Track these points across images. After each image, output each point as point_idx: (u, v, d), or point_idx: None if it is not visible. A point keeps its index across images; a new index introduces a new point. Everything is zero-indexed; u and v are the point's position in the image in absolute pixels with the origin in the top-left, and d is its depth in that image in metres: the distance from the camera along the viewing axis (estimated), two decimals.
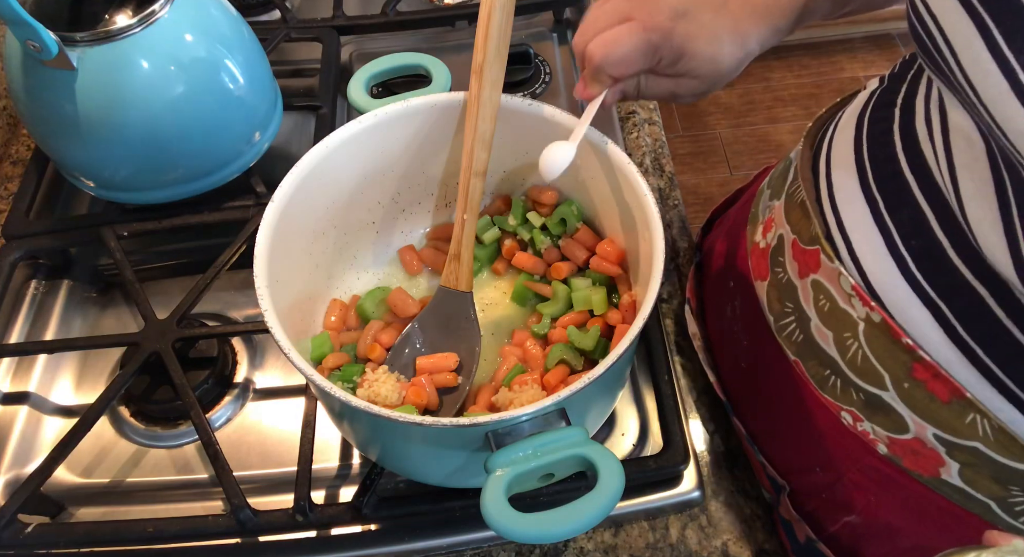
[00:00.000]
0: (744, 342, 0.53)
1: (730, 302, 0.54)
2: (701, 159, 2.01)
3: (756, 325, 0.50)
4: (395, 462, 0.49)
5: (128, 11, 0.55)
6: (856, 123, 0.44)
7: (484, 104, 0.50)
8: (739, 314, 0.53)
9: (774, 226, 0.48)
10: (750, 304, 0.50)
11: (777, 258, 0.47)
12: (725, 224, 0.61)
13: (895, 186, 0.39)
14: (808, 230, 0.44)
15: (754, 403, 0.53)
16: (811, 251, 0.43)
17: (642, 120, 0.76)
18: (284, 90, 0.71)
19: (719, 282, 0.57)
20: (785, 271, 0.46)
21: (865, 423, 0.42)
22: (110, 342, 0.60)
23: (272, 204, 0.47)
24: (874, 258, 0.40)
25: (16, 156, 0.78)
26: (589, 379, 0.39)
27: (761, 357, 0.50)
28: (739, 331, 0.53)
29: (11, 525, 0.50)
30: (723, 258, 0.58)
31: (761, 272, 0.49)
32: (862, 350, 0.40)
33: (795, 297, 0.45)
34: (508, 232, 0.58)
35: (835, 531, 0.48)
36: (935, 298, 0.37)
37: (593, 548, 0.53)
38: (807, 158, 0.47)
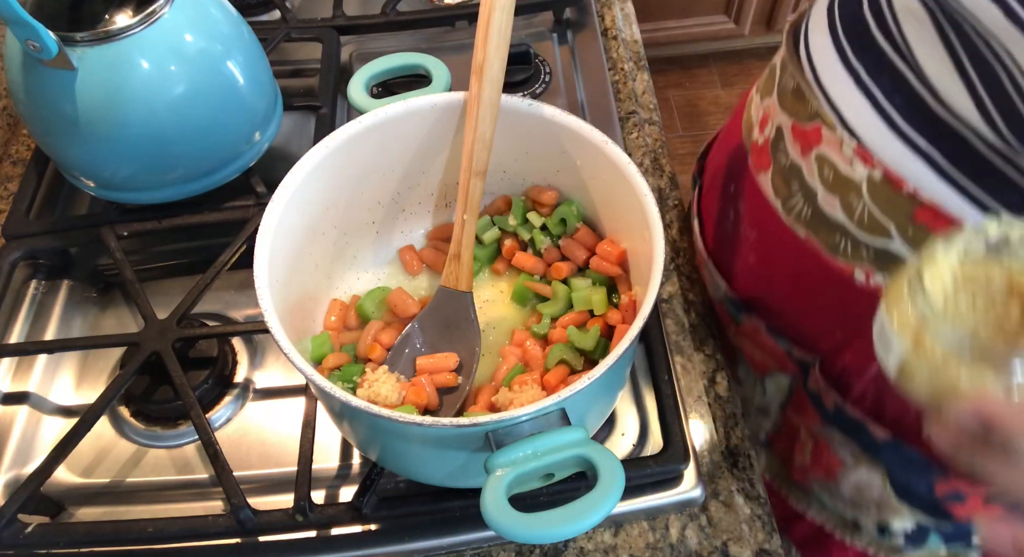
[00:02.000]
0: (752, 236, 0.56)
1: (733, 205, 0.58)
2: None
3: (762, 216, 0.54)
4: (395, 462, 0.49)
5: (128, 11, 0.55)
6: (827, 10, 0.48)
7: (484, 104, 0.50)
8: (743, 213, 0.57)
9: (770, 120, 0.52)
10: (754, 198, 0.54)
11: (778, 146, 0.51)
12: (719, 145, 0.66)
13: (872, 56, 0.43)
14: (806, 109, 0.48)
15: (769, 293, 0.57)
16: (811, 129, 0.47)
17: (642, 120, 0.76)
18: (284, 90, 0.71)
19: (718, 194, 0.61)
20: (787, 156, 0.50)
21: (877, 276, 0.46)
22: (110, 342, 0.60)
23: (272, 204, 0.47)
24: (865, 121, 0.43)
25: (16, 156, 0.78)
26: (589, 379, 0.39)
27: (771, 244, 0.54)
28: (744, 229, 0.57)
29: (11, 525, 0.50)
30: (720, 172, 0.62)
31: (763, 164, 0.53)
32: (867, 208, 0.44)
33: (800, 176, 0.49)
34: (508, 232, 0.58)
35: (860, 392, 0.51)
36: (924, 146, 0.41)
37: (593, 548, 0.53)
38: (791, 52, 0.51)
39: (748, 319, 0.58)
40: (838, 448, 0.55)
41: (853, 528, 0.59)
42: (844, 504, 0.58)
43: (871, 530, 0.57)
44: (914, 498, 0.53)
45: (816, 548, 0.63)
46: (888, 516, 0.55)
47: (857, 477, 0.54)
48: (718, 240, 0.61)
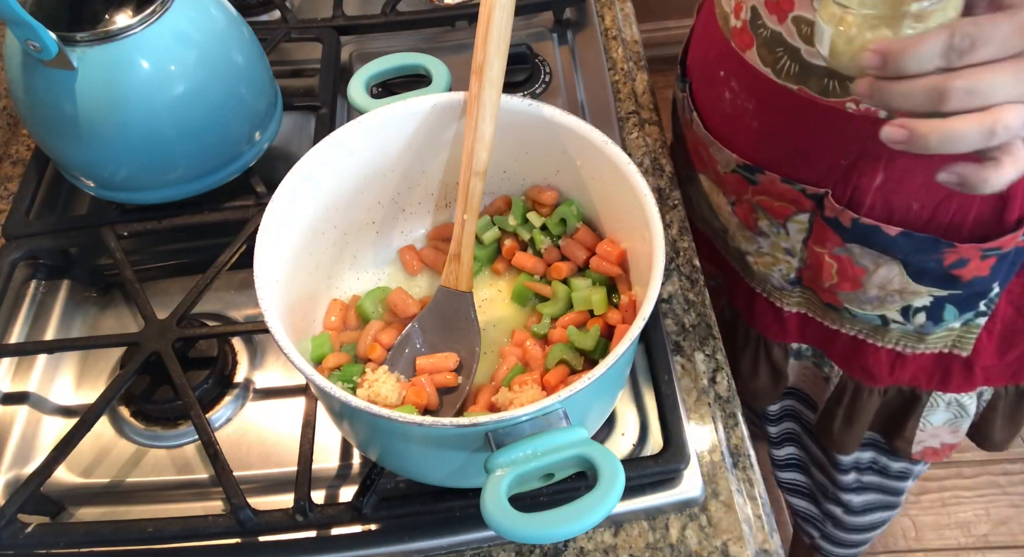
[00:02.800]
0: (751, 106, 0.62)
1: (726, 87, 0.64)
2: None
3: (756, 86, 0.60)
4: (395, 462, 0.49)
5: (128, 11, 0.56)
6: None
7: (484, 104, 0.50)
8: (738, 89, 0.62)
9: (744, 5, 0.58)
10: (745, 74, 0.60)
11: (756, 23, 0.57)
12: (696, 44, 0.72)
13: None
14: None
15: (776, 149, 0.62)
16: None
17: (642, 120, 0.76)
18: (284, 90, 0.71)
19: (711, 82, 0.67)
20: (767, 28, 0.56)
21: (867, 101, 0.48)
22: (110, 342, 0.60)
23: (272, 204, 0.47)
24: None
25: (16, 156, 0.78)
26: (589, 379, 0.39)
27: (769, 107, 0.60)
28: (743, 102, 0.62)
29: (11, 525, 0.50)
30: (706, 64, 0.68)
31: (746, 42, 0.59)
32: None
33: (782, 41, 0.55)
34: (508, 232, 0.58)
35: (870, 203, 0.58)
36: None
37: (593, 548, 0.53)
38: None
39: (762, 176, 0.63)
40: (859, 259, 0.62)
41: (882, 324, 0.67)
42: (871, 305, 0.65)
43: (897, 319, 0.65)
44: (928, 276, 0.60)
45: (854, 359, 0.72)
46: (909, 299, 0.63)
47: (879, 277, 0.62)
48: (718, 120, 0.67)
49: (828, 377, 0.77)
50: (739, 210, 0.70)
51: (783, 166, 0.62)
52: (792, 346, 0.78)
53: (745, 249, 0.72)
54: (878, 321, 0.67)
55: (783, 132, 0.61)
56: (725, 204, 0.71)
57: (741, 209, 0.69)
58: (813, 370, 0.80)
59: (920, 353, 0.69)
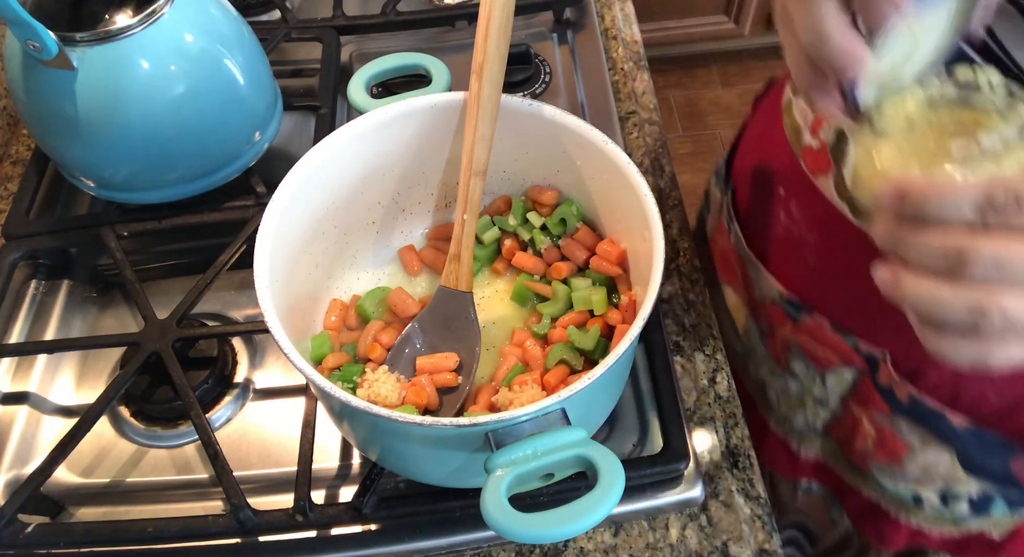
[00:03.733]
0: (811, 239, 0.54)
1: (784, 208, 0.56)
2: (701, 159, 2.01)
3: (823, 218, 0.52)
4: (395, 462, 0.49)
5: (128, 11, 0.55)
6: None
7: (484, 104, 0.50)
8: (798, 216, 0.55)
9: (827, 123, 0.50)
10: (812, 201, 0.52)
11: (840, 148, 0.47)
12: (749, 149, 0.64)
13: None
14: None
15: (834, 293, 0.55)
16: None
17: (642, 120, 0.76)
18: (284, 90, 0.71)
19: (763, 196, 0.59)
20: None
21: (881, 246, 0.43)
22: (110, 342, 0.60)
23: (272, 204, 0.47)
24: None
25: (16, 156, 0.78)
26: (589, 379, 0.39)
27: (835, 245, 0.53)
28: (802, 231, 0.55)
29: (11, 525, 0.50)
30: (763, 173, 0.60)
31: (821, 168, 0.51)
32: None
33: None
34: (508, 232, 0.58)
35: (935, 382, 0.50)
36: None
37: (593, 548, 0.53)
38: None
39: (809, 317, 0.57)
40: (905, 435, 0.54)
41: (912, 504, 0.59)
42: (906, 482, 0.58)
43: (933, 501, 0.58)
44: (984, 471, 0.53)
45: (869, 521, 0.65)
46: (953, 486, 0.55)
47: (924, 458, 0.54)
48: (766, 241, 0.60)
49: (836, 522, 0.70)
50: (770, 343, 0.62)
51: (837, 312, 0.55)
52: (802, 483, 0.70)
53: (768, 382, 0.65)
54: (910, 500, 0.59)
55: (846, 276, 0.52)
56: (753, 330, 0.64)
57: (773, 343, 0.62)
58: (820, 505, 0.72)
59: (947, 536, 0.61)
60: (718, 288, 0.68)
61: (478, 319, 0.54)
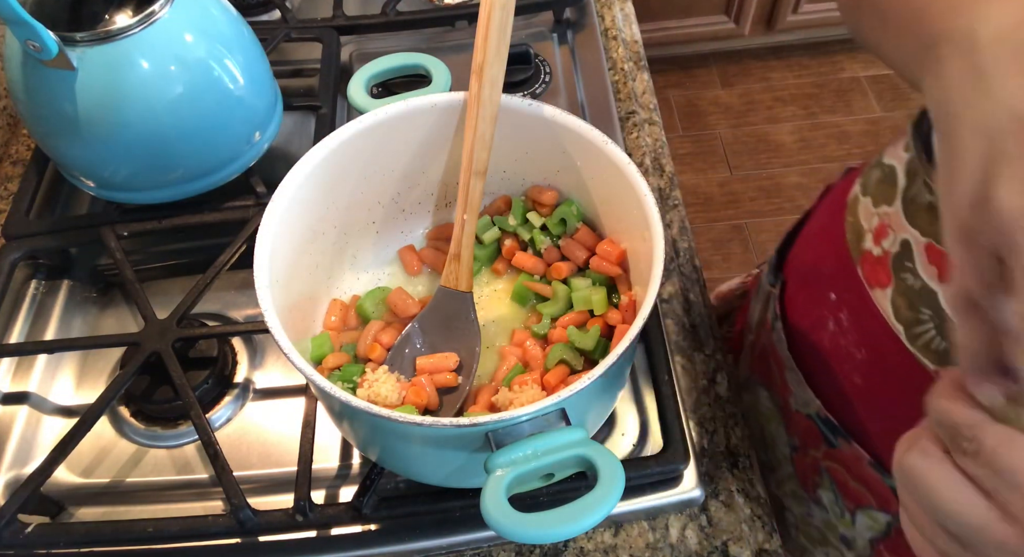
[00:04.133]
0: (859, 356, 0.49)
1: (833, 316, 0.51)
2: (701, 159, 2.01)
3: (876, 336, 0.46)
4: (395, 462, 0.49)
5: (128, 11, 0.55)
6: None
7: (484, 104, 0.50)
8: (848, 327, 0.49)
9: (891, 232, 0.45)
10: (864, 315, 0.47)
11: (903, 264, 0.44)
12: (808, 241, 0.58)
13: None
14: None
15: (878, 423, 0.49)
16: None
17: (642, 120, 0.76)
18: (284, 90, 0.71)
19: (814, 297, 0.54)
20: (917, 277, 0.43)
21: None
22: (110, 342, 0.60)
23: (272, 204, 0.47)
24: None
25: (16, 156, 0.78)
26: (589, 379, 0.39)
27: (886, 368, 0.47)
28: (849, 345, 0.49)
29: (11, 525, 0.50)
30: (816, 273, 0.54)
31: (880, 280, 0.46)
32: None
33: (934, 303, 0.41)
34: (508, 232, 0.58)
35: None
36: None
37: (593, 548, 0.53)
38: (923, 157, 0.43)
39: (847, 446, 0.51)
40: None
41: None
42: None
43: None
44: None
45: None
46: None
47: None
48: (809, 348, 0.54)
49: None
50: (799, 460, 0.57)
51: (880, 446, 0.49)
52: None
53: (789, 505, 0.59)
54: None
55: (894, 406, 0.47)
56: (782, 441, 0.59)
57: (802, 461, 0.56)
58: None
59: None
60: (754, 389, 0.61)
61: (478, 319, 0.54)
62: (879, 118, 2.06)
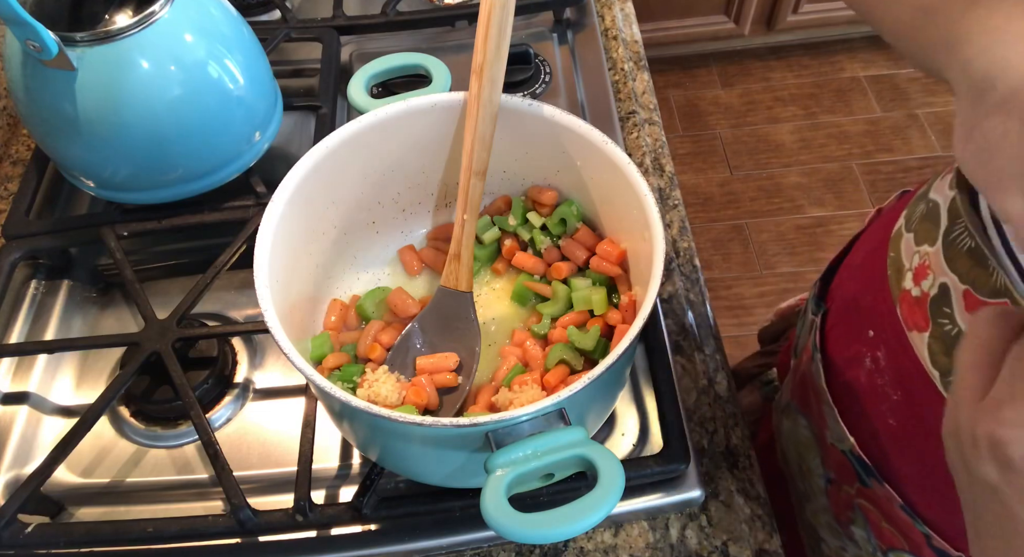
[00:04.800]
0: (894, 397, 0.47)
1: (870, 353, 0.49)
2: (701, 159, 2.01)
3: (912, 379, 0.45)
4: (395, 462, 0.49)
5: (128, 11, 0.56)
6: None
7: (484, 104, 0.50)
8: (885, 367, 0.48)
9: (931, 274, 0.43)
10: (901, 356, 0.46)
11: (941, 309, 0.42)
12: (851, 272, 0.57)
13: None
14: (987, 280, 0.39)
15: (912, 465, 0.48)
16: (996, 304, 0.38)
17: (642, 120, 0.76)
18: (284, 90, 0.71)
19: (853, 332, 0.52)
20: (954, 323, 0.41)
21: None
22: (110, 342, 0.60)
23: (272, 204, 0.47)
24: None
25: (16, 156, 0.78)
26: (589, 379, 0.39)
27: (920, 413, 0.45)
28: (885, 385, 0.48)
29: (11, 525, 0.50)
30: (856, 306, 0.53)
31: (918, 323, 0.44)
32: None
33: None
34: (508, 232, 0.58)
35: None
36: None
37: (593, 548, 0.53)
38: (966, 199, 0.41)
39: (880, 487, 0.49)
40: None
41: None
42: None
43: None
44: None
45: None
46: None
47: None
48: (846, 385, 0.52)
49: None
50: (833, 493, 0.55)
51: (912, 490, 0.48)
52: None
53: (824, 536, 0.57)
54: None
55: (928, 454, 0.46)
56: (819, 474, 0.57)
57: (837, 495, 0.55)
58: None
59: None
60: (793, 414, 0.60)
61: (478, 319, 0.54)
62: (879, 118, 2.06)
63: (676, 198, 0.71)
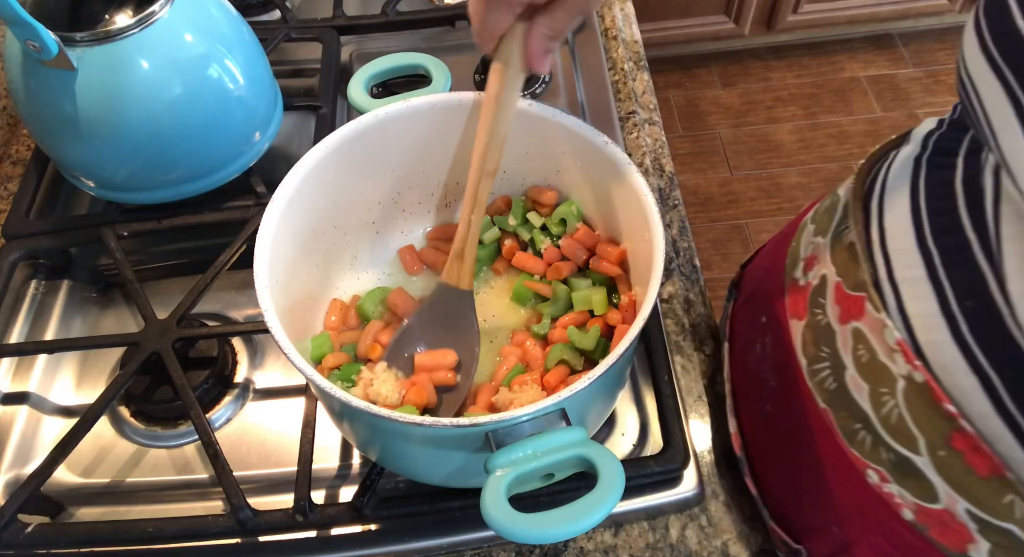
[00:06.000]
0: (772, 383, 0.49)
1: (760, 339, 0.51)
2: (701, 159, 2.01)
3: (786, 366, 0.47)
4: (395, 462, 0.49)
5: (128, 11, 0.56)
6: (913, 167, 0.40)
7: (503, 106, 0.48)
8: (769, 352, 0.49)
9: (817, 265, 0.45)
10: (782, 343, 0.47)
11: (818, 299, 0.44)
12: (761, 259, 0.58)
13: (954, 241, 0.36)
14: (855, 275, 0.41)
15: (774, 453, 0.50)
16: (856, 297, 0.40)
17: (642, 120, 0.76)
18: (284, 90, 0.71)
19: (751, 317, 0.54)
20: (825, 314, 0.43)
21: (892, 485, 0.39)
22: (110, 342, 0.60)
23: (272, 204, 0.47)
24: (924, 315, 0.36)
25: (16, 156, 0.78)
26: (589, 379, 0.39)
27: (788, 401, 0.47)
28: (767, 371, 0.50)
29: (11, 525, 0.50)
30: (757, 292, 0.54)
31: (798, 311, 0.46)
32: (898, 409, 0.37)
33: (832, 342, 0.42)
34: (508, 232, 0.58)
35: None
36: (986, 366, 0.34)
37: (593, 548, 0.53)
38: (858, 197, 0.44)
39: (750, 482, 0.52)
40: None
41: None
42: None
43: None
44: None
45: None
46: None
47: None
48: (741, 369, 0.55)
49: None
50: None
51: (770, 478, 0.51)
52: None
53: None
54: None
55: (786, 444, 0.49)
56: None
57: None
58: None
59: None
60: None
61: (477, 319, 0.54)
62: (879, 118, 2.06)
63: (676, 198, 0.71)
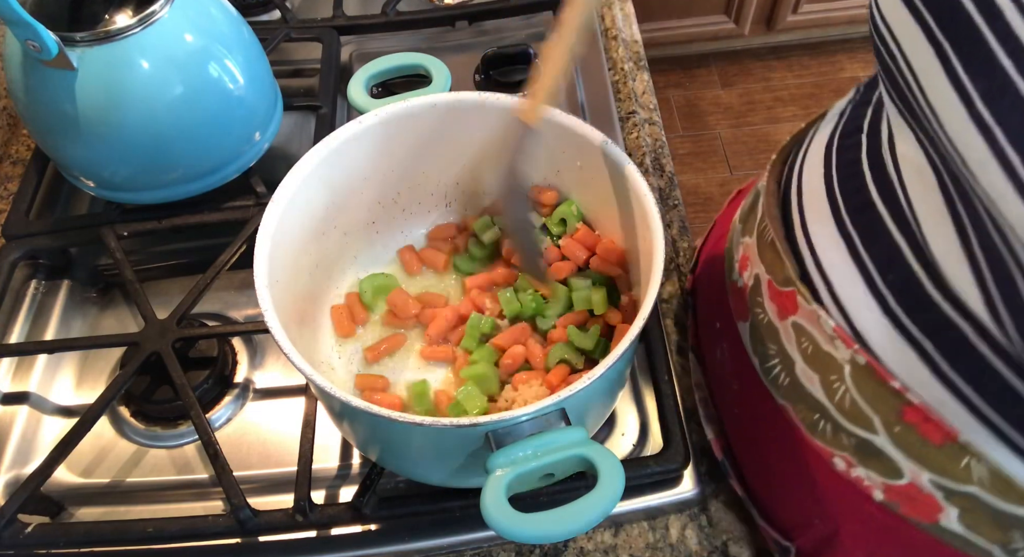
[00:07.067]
0: (735, 386, 0.50)
1: (719, 345, 0.51)
2: (701, 159, 2.01)
3: (743, 368, 0.47)
4: (395, 462, 0.49)
5: (128, 11, 0.55)
6: (825, 150, 0.41)
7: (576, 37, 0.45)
8: (727, 357, 0.50)
9: (749, 265, 0.45)
10: (736, 346, 0.48)
11: (755, 298, 0.45)
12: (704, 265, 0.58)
13: (868, 218, 0.37)
14: (781, 271, 0.41)
15: (750, 454, 0.50)
16: (787, 293, 0.41)
17: (642, 120, 0.76)
18: (284, 90, 0.71)
19: (708, 324, 0.54)
20: (765, 312, 0.43)
21: (859, 469, 0.40)
22: (110, 342, 0.60)
23: (272, 204, 0.47)
24: (854, 297, 0.38)
25: (16, 156, 0.78)
26: (590, 379, 0.39)
27: (751, 402, 0.47)
28: (729, 375, 0.50)
29: (11, 525, 0.50)
30: (708, 299, 0.54)
31: (741, 312, 0.47)
32: (850, 393, 0.38)
33: (777, 339, 0.42)
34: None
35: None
36: (917, 335, 0.35)
37: (593, 548, 0.53)
38: (772, 193, 0.44)
39: (734, 483, 0.52)
40: None
41: None
42: None
43: None
44: None
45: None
46: None
47: None
48: (710, 377, 0.55)
49: None
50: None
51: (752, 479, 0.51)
52: None
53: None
54: None
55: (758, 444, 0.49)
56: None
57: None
58: None
59: None
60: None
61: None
62: None
63: (676, 198, 0.71)
